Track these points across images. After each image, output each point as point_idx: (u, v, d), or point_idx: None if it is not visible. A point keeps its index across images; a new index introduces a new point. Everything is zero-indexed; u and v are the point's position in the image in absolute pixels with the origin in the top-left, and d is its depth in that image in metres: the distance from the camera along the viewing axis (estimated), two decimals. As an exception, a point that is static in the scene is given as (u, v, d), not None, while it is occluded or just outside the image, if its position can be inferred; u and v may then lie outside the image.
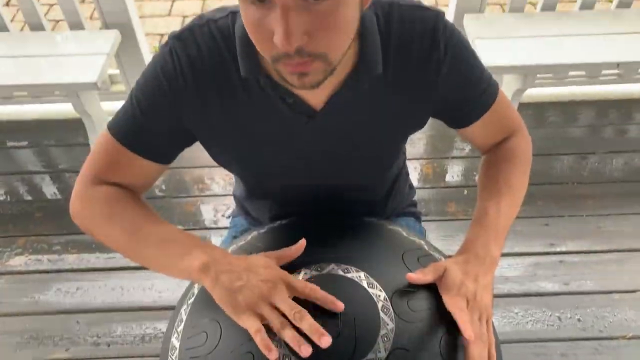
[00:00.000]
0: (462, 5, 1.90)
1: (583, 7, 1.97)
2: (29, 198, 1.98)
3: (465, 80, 0.83)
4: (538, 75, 1.94)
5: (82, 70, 1.72)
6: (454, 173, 2.03)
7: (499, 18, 1.90)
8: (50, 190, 2.00)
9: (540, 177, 1.95)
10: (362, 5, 0.66)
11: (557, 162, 2.02)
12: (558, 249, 1.76)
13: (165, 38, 0.77)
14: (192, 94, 0.76)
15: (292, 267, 0.74)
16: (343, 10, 0.62)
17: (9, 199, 1.98)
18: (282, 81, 0.71)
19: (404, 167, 1.09)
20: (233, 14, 0.76)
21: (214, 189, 1.99)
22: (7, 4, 3.33)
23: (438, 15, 0.79)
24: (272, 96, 0.76)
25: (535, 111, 2.23)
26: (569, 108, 2.25)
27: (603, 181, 1.95)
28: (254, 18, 0.62)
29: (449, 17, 1.99)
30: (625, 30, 1.81)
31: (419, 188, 1.93)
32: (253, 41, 0.65)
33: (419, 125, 0.89)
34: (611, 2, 2.01)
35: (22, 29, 3.10)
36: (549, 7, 1.96)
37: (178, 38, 0.76)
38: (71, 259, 1.77)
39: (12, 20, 2.62)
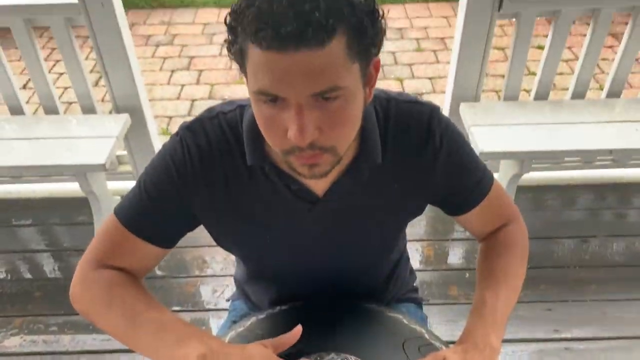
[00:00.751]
0: (458, 94, 1.99)
1: (575, 96, 2.05)
2: (30, 277, 1.98)
3: (461, 170, 0.86)
4: (534, 161, 1.98)
5: (92, 152, 1.78)
6: (455, 255, 2.02)
7: (494, 106, 1.98)
8: (51, 269, 2.00)
9: (541, 260, 1.94)
10: (365, 101, 0.71)
11: (557, 246, 2.02)
12: (563, 335, 1.72)
13: (174, 120, 0.82)
14: (200, 181, 0.80)
15: (291, 357, 0.74)
16: (351, 107, 0.66)
17: (9, 277, 1.97)
18: (287, 169, 0.74)
19: (405, 251, 1.10)
20: (241, 107, 0.81)
21: (214, 268, 1.98)
22: (24, 87, 3.48)
23: (433, 109, 0.84)
24: (277, 183, 0.80)
25: (534, 195, 2.26)
26: (566, 192, 2.28)
27: (605, 265, 1.95)
28: (267, 115, 0.66)
29: (446, 105, 2.08)
30: (616, 119, 1.88)
31: (420, 270, 1.93)
32: (265, 136, 0.69)
33: (417, 212, 0.91)
34: (602, 89, 2.10)
35: (36, 111, 3.22)
36: (541, 97, 2.05)
37: (189, 129, 0.80)
38: (66, 340, 1.73)
39: (27, 102, 2.73)
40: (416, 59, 3.74)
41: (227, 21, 0.64)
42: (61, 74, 3.61)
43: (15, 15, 1.86)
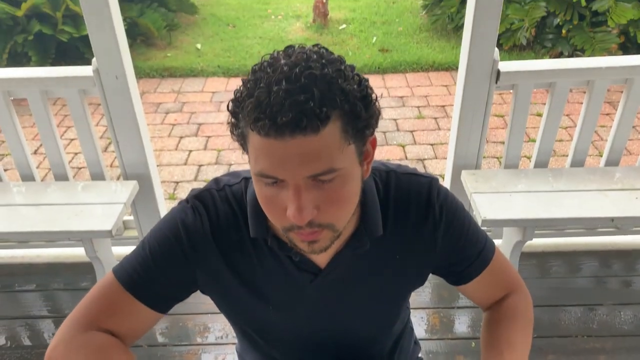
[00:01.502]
0: (459, 162, 2.03)
1: (574, 164, 2.09)
2: (29, 344, 1.94)
3: (462, 240, 0.87)
4: (537, 228, 1.99)
5: (99, 218, 1.80)
6: (461, 323, 1.99)
7: (495, 174, 2.01)
8: (51, 335, 1.97)
9: (548, 329, 1.91)
10: (362, 177, 0.74)
11: (564, 314, 1.99)
12: (574, 409, 1.66)
13: (180, 186, 0.85)
14: (207, 249, 0.81)
15: None
16: (348, 186, 0.69)
17: (9, 344, 1.94)
18: (289, 242, 0.76)
19: (408, 322, 1.09)
20: (246, 180, 0.84)
21: (216, 335, 1.95)
22: (35, 152, 3.56)
23: (432, 181, 0.86)
24: (279, 255, 0.81)
25: (538, 261, 2.24)
26: (571, 258, 2.27)
27: (613, 335, 1.90)
28: (268, 194, 0.69)
29: (447, 173, 2.11)
30: (616, 187, 1.90)
31: (426, 339, 1.89)
32: (266, 213, 0.72)
33: (419, 283, 0.92)
34: (601, 155, 2.14)
35: (46, 175, 3.28)
36: (541, 164, 2.09)
37: (198, 198, 0.83)
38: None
39: (37, 167, 2.79)
40: (418, 126, 3.83)
41: (230, 107, 0.68)
42: (72, 139, 3.70)
43: (32, 87, 1.94)
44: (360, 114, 0.66)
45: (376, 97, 0.69)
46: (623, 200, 1.82)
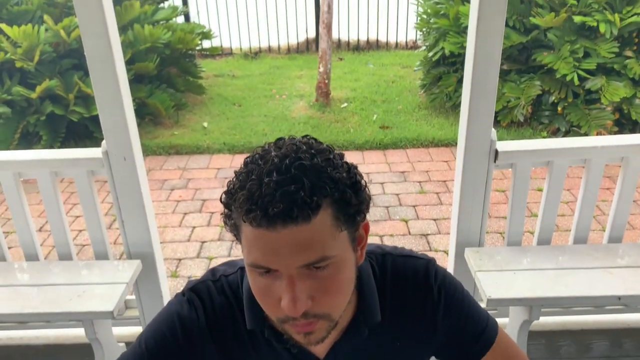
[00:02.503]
0: (462, 240, 2.03)
1: (577, 241, 2.09)
2: None
3: (462, 322, 0.86)
4: (544, 306, 1.96)
5: (101, 299, 1.78)
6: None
7: (498, 251, 2.00)
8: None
9: (562, 415, 1.83)
10: (357, 263, 0.74)
11: (577, 398, 1.92)
12: None
13: (183, 263, 0.85)
14: (204, 342, 0.81)
15: None
16: (342, 273, 0.69)
17: None
18: (285, 334, 0.75)
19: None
20: (242, 269, 0.84)
21: None
22: (40, 230, 3.58)
23: (429, 262, 0.86)
24: (276, 347, 0.80)
25: (547, 340, 2.19)
26: (580, 337, 2.21)
27: (631, 421, 1.82)
28: (261, 285, 0.69)
29: (451, 251, 2.11)
30: (620, 264, 1.89)
31: None
32: (260, 304, 0.72)
33: None
34: (604, 230, 2.13)
35: (49, 253, 3.28)
36: (544, 241, 2.08)
37: (194, 290, 0.83)
38: None
39: (42, 244, 2.79)
40: (420, 201, 3.86)
41: (223, 199, 0.70)
42: (77, 216, 3.73)
43: (42, 168, 1.99)
44: (350, 201, 0.67)
45: (366, 183, 0.71)
46: (629, 278, 1.80)
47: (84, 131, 4.66)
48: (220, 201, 0.71)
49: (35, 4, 4.52)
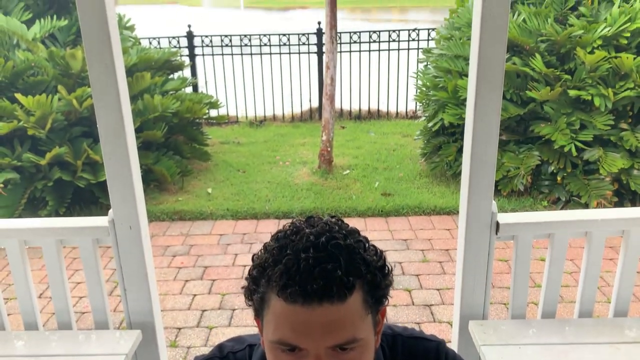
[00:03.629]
0: (466, 313, 2.01)
1: (582, 314, 2.06)
2: None
3: None
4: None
5: (99, 371, 1.75)
6: None
7: (503, 324, 1.97)
8: None
9: None
10: (375, 347, 0.75)
11: None
12: None
13: (182, 332, 0.84)
14: None
15: None
16: (365, 357, 0.70)
17: None
18: None
19: None
20: (250, 347, 0.84)
21: None
22: (40, 296, 3.54)
23: (439, 344, 0.86)
24: None
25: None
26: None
27: None
28: None
29: (455, 324, 2.08)
30: (627, 340, 1.85)
31: None
32: None
33: None
34: (609, 301, 2.10)
35: (48, 320, 3.23)
36: (549, 314, 2.06)
37: None
38: None
39: (41, 311, 2.76)
40: (423, 270, 3.83)
41: (251, 273, 0.71)
42: (78, 283, 3.70)
43: (48, 237, 2.00)
44: (380, 284, 0.69)
45: (391, 268, 0.73)
46: (636, 353, 1.77)
47: (89, 197, 4.71)
48: (249, 275, 0.71)
49: (50, 74, 4.70)
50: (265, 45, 7.69)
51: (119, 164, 1.87)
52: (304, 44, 7.71)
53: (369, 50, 7.71)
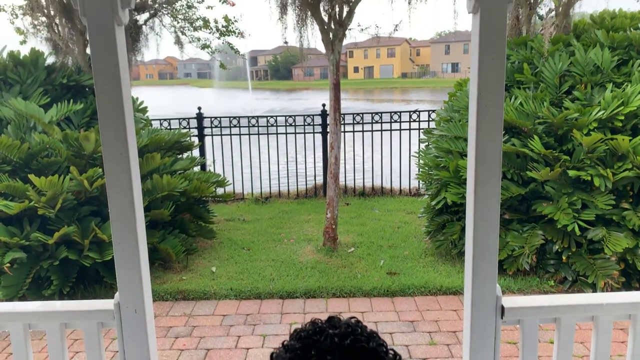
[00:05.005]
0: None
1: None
2: None
3: None
4: None
5: None
6: None
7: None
8: None
9: None
10: None
11: None
12: None
13: None
14: None
15: None
16: None
17: None
18: None
19: None
20: None
21: None
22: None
23: None
24: None
25: None
26: None
27: None
28: None
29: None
30: None
31: None
32: None
33: None
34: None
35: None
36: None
37: None
38: None
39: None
40: (430, 353, 3.73)
41: None
42: (78, 366, 3.62)
43: (53, 320, 2.00)
44: None
45: None
46: None
47: (94, 276, 4.70)
48: None
49: (64, 155, 4.84)
50: (272, 125, 7.95)
51: (127, 249, 1.90)
52: (309, 124, 7.97)
53: (372, 131, 7.95)
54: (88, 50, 6.03)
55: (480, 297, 1.90)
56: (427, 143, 6.33)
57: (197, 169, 6.93)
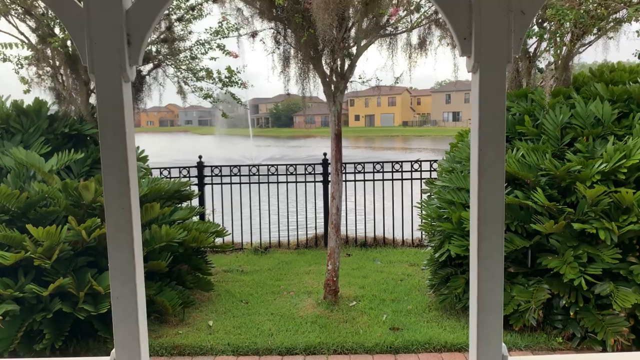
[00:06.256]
0: None
1: None
2: None
3: None
4: None
5: None
6: None
7: None
8: None
9: None
10: None
11: None
12: None
13: None
14: None
15: None
16: None
17: None
18: None
19: None
20: None
21: None
22: None
23: None
24: None
25: None
26: None
27: None
28: None
29: None
30: None
31: None
32: None
33: None
34: None
35: None
36: None
37: None
38: None
39: None
40: (435, 414, 3.63)
41: None
42: None
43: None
44: None
45: None
46: None
47: (88, 329, 4.63)
48: None
49: (62, 205, 4.87)
50: (273, 174, 8.03)
51: (126, 304, 1.90)
52: (310, 173, 8.04)
53: (374, 180, 8.02)
54: (91, 100, 6.20)
55: (486, 355, 1.89)
56: (429, 193, 6.37)
57: (196, 218, 6.94)
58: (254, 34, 5.68)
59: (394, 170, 7.97)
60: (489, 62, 1.81)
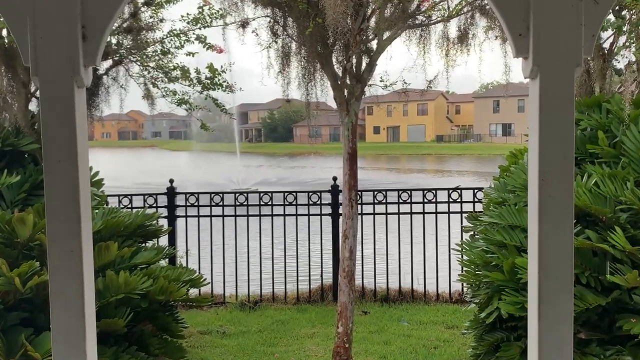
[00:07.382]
0: None
1: None
2: None
3: None
4: None
5: None
6: None
7: None
8: None
9: None
10: None
11: None
12: None
13: None
14: None
15: None
16: None
17: None
18: None
19: None
20: None
21: None
22: None
23: None
24: None
25: None
26: None
27: None
28: None
29: None
30: None
31: None
32: None
33: None
34: None
35: None
36: None
37: None
38: None
39: None
40: None
41: None
42: None
43: None
44: None
45: None
46: None
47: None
48: None
49: (-9, 243, 4.90)
50: (266, 204, 8.02)
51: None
52: (315, 203, 8.03)
53: (398, 213, 7.99)
54: (31, 106, 6.27)
55: None
56: (472, 232, 6.36)
57: (164, 262, 6.94)
58: (244, 24, 5.76)
59: (425, 200, 7.95)
60: (552, 65, 1.82)
